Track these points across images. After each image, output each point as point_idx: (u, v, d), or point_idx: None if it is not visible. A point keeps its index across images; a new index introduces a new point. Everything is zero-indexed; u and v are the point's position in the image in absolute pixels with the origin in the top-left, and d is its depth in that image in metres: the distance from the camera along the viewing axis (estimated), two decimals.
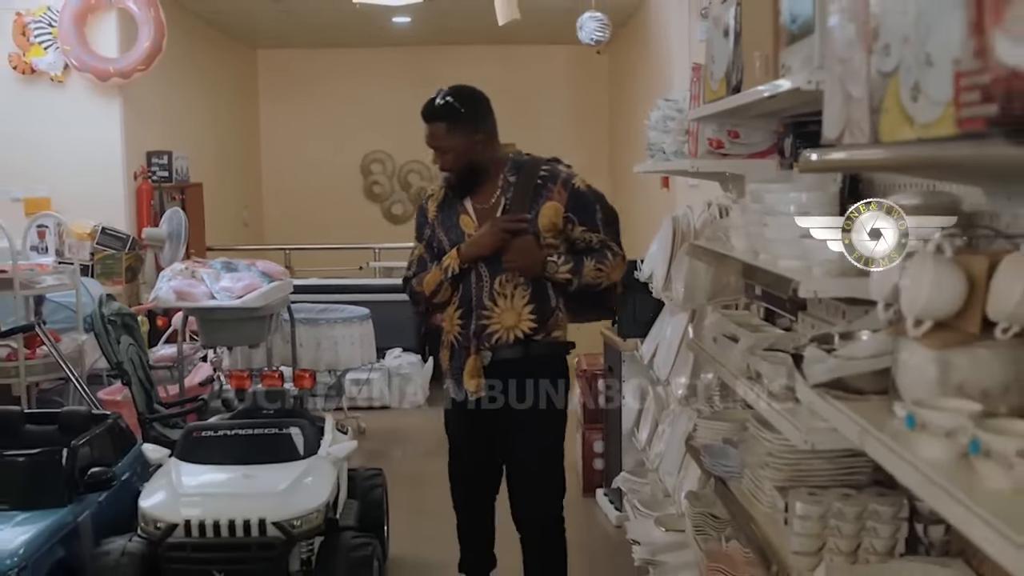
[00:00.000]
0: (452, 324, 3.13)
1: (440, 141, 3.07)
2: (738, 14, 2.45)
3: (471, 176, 3.10)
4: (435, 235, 3.17)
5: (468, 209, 3.12)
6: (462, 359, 3.09)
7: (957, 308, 1.49)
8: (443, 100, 3.08)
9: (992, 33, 1.01)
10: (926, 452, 1.41)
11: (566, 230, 3.08)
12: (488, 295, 3.06)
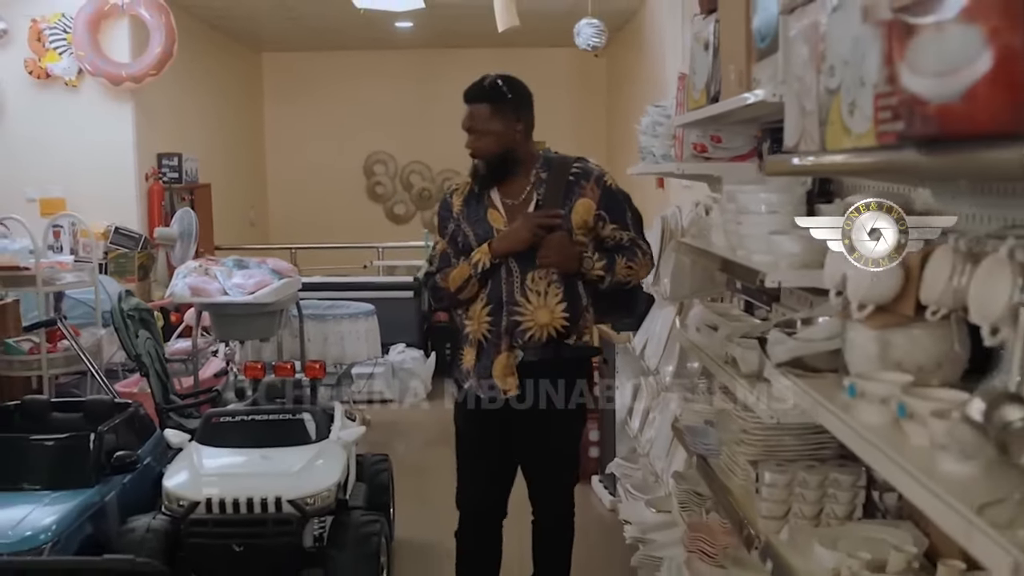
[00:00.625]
0: (479, 322, 3.04)
1: (480, 123, 3.00)
2: (716, 30, 2.68)
3: (502, 166, 3.03)
4: (460, 230, 3.08)
5: (496, 203, 3.06)
6: (491, 357, 3.02)
7: (895, 294, 1.72)
8: (492, 82, 3.03)
9: (898, 65, 1.24)
10: (865, 418, 1.64)
11: (596, 228, 3.04)
12: (520, 291, 2.99)
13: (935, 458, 1.41)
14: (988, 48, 1.04)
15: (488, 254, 2.98)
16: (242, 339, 5.26)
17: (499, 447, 3.14)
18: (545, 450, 3.14)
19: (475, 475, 3.19)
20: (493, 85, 3.03)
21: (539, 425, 3.06)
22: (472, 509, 3.22)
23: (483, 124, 3.00)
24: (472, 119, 3.02)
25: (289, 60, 11.07)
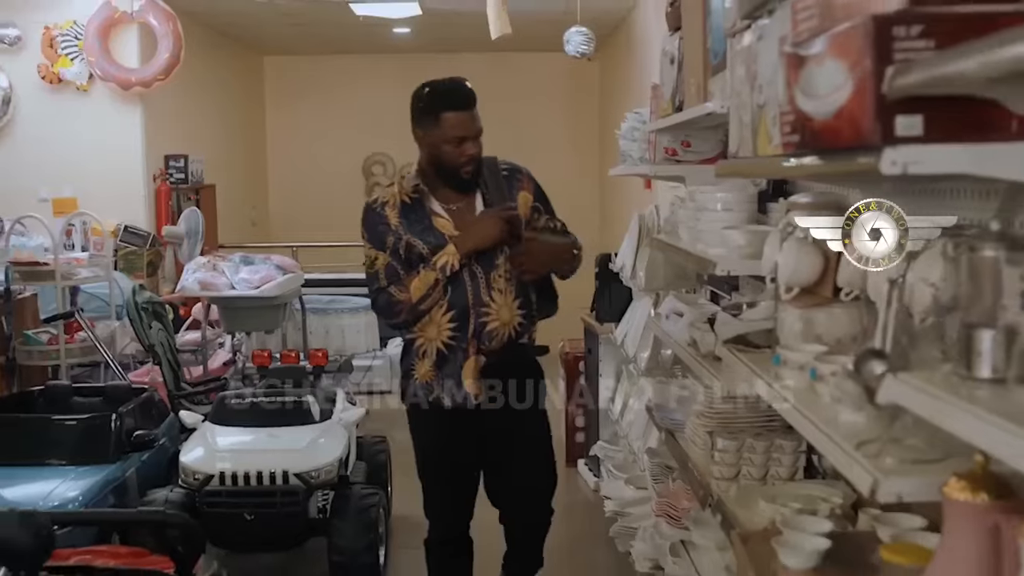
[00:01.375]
0: (440, 330, 2.99)
1: (477, 128, 2.98)
2: (680, 47, 2.99)
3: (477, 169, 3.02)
4: (400, 242, 2.99)
5: (438, 211, 3.01)
6: (458, 363, 2.99)
7: (816, 278, 2.02)
8: (466, 83, 3.02)
9: (794, 88, 1.54)
10: (788, 381, 1.94)
11: (532, 220, 3.10)
12: (486, 292, 2.99)
13: (836, 411, 1.71)
14: (849, 78, 1.34)
15: (455, 255, 2.92)
16: (249, 330, 5.56)
17: (466, 459, 3.12)
18: (523, 450, 3.13)
19: (446, 488, 3.16)
20: (470, 88, 3.03)
21: (511, 424, 3.05)
22: (445, 522, 3.20)
23: (479, 126, 2.98)
24: (474, 122, 2.97)
25: (290, 64, 11.35)
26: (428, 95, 3.02)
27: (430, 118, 2.98)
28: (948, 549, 1.28)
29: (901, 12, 1.28)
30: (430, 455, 3.17)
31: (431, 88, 3.03)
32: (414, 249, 2.98)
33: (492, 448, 3.12)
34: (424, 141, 3.04)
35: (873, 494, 1.38)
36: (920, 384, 1.29)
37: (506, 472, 3.16)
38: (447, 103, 2.95)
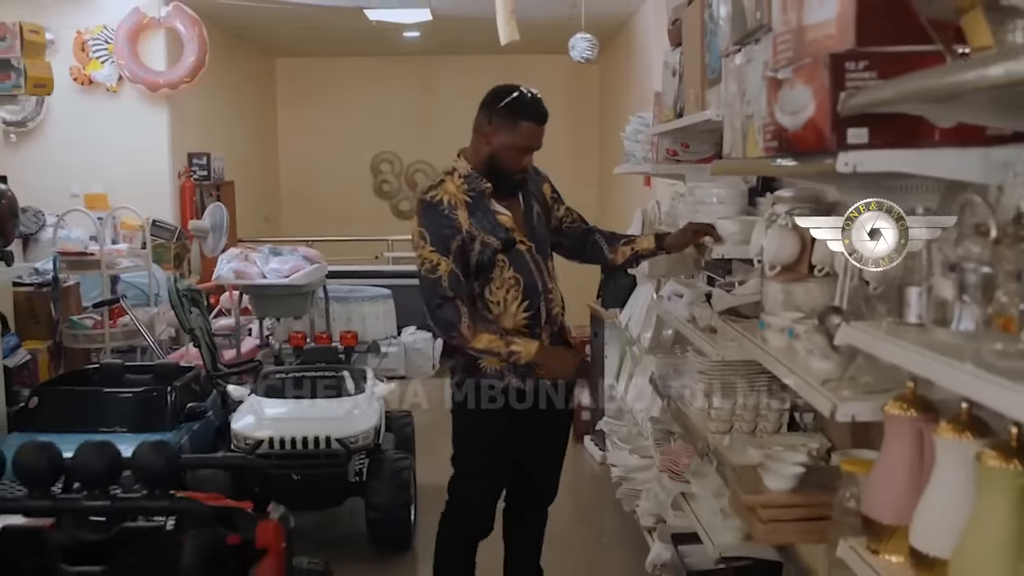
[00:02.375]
0: (515, 320, 3.10)
1: (541, 143, 3.13)
2: (681, 61, 3.41)
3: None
4: (474, 242, 3.04)
5: (498, 209, 3.11)
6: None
7: (794, 258, 2.45)
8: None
9: (773, 105, 1.96)
10: (772, 342, 2.37)
11: (552, 208, 3.33)
12: (550, 278, 3.19)
13: (808, 360, 2.14)
14: (813, 99, 1.77)
15: (530, 356, 3.02)
16: (278, 316, 5.99)
17: (511, 446, 3.19)
18: (553, 442, 3.35)
19: (492, 471, 3.21)
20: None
21: (551, 414, 3.20)
22: (477, 507, 3.23)
23: (541, 144, 3.13)
24: (541, 136, 3.11)
25: (301, 65, 11.76)
26: (516, 100, 3.06)
27: (510, 120, 3.03)
28: (888, 450, 1.71)
29: (851, 51, 1.71)
30: (484, 441, 3.17)
31: (519, 95, 3.08)
32: (489, 246, 3.05)
33: (532, 426, 3.18)
34: (491, 139, 3.05)
35: (833, 415, 1.81)
36: (865, 328, 1.72)
37: (532, 461, 3.28)
38: (531, 114, 3.05)
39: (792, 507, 2.20)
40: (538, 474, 3.36)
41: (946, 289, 1.58)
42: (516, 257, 3.10)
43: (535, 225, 3.20)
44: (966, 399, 1.45)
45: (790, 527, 2.20)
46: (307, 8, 8.53)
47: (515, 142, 3.04)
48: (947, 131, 1.71)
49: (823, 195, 2.80)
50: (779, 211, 2.63)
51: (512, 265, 3.09)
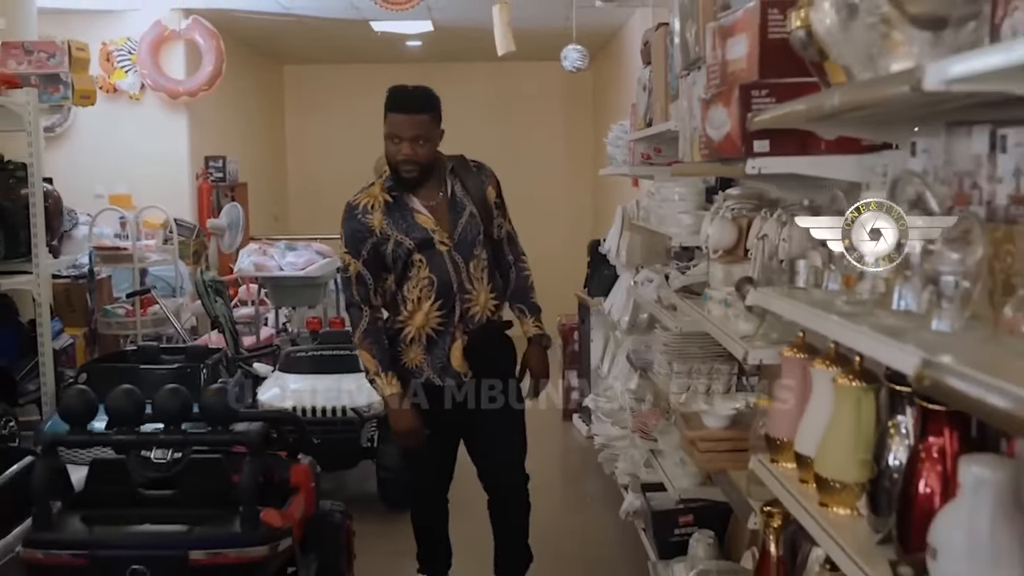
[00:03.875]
0: (428, 318, 3.25)
1: (424, 131, 3.15)
2: (650, 78, 3.96)
3: (427, 171, 3.23)
4: (388, 242, 3.20)
5: (418, 208, 3.24)
6: (446, 347, 3.27)
7: (733, 243, 2.99)
8: (427, 92, 3.25)
9: (704, 122, 2.51)
10: (713, 311, 2.92)
11: (495, 215, 3.38)
12: (468, 280, 3.25)
13: (735, 323, 2.69)
14: (729, 118, 2.32)
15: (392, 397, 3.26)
16: (294, 305, 6.54)
17: (445, 432, 3.41)
18: (497, 423, 3.40)
19: (428, 463, 3.47)
20: (428, 93, 3.25)
21: (487, 400, 3.34)
22: (426, 493, 3.56)
23: (426, 132, 3.16)
24: (418, 127, 3.14)
25: (308, 72, 12.32)
26: (387, 95, 3.30)
27: (385, 115, 3.25)
28: (782, 385, 2.25)
29: (755, 82, 2.26)
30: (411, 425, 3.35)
31: (390, 90, 3.32)
32: (402, 245, 3.21)
33: (469, 419, 3.38)
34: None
35: (745, 359, 2.36)
36: (767, 291, 2.27)
37: (481, 440, 3.46)
38: (392, 104, 3.21)
39: (723, 440, 2.75)
40: (486, 463, 3.51)
41: (819, 260, 2.12)
42: (433, 257, 3.21)
43: (461, 226, 3.27)
44: (833, 340, 2.00)
45: (723, 456, 2.75)
46: (315, 20, 9.08)
47: (387, 133, 3.21)
48: (831, 142, 2.25)
49: (766, 192, 3.35)
50: (726, 206, 3.18)
51: (428, 265, 3.21)
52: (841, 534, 1.83)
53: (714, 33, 2.51)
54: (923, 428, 1.62)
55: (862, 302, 1.87)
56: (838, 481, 1.91)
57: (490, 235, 3.34)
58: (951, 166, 1.79)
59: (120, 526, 2.68)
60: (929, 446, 1.60)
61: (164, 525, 2.70)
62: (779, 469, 2.21)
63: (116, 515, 2.71)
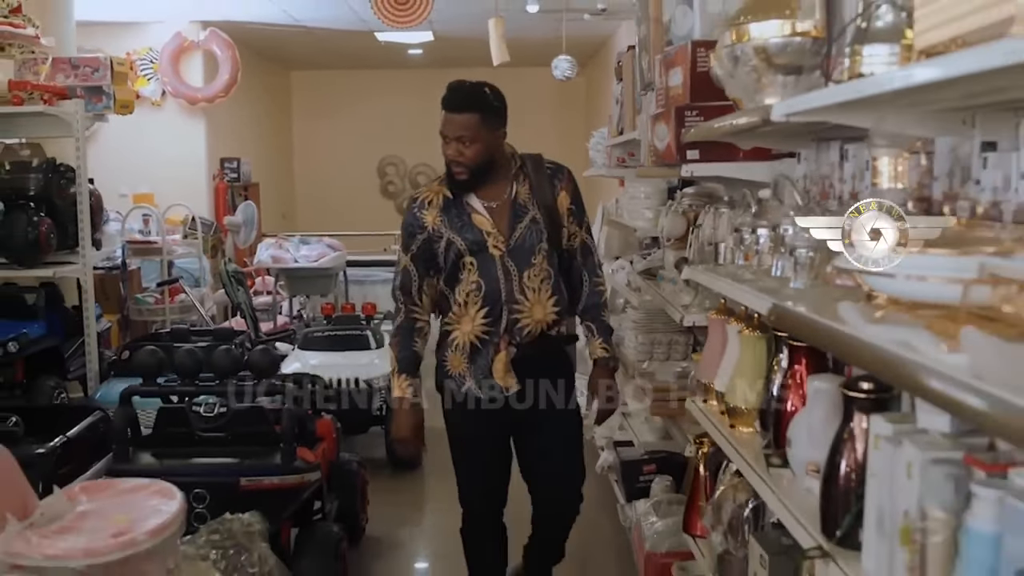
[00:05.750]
0: (473, 324, 3.03)
1: (469, 132, 2.94)
2: (622, 92, 4.60)
3: (485, 172, 3.01)
4: (440, 240, 3.02)
5: (477, 208, 3.03)
6: (488, 357, 3.02)
7: (682, 233, 3.63)
8: (479, 91, 3.00)
9: (651, 134, 3.15)
10: (665, 289, 3.55)
11: (568, 223, 3.12)
12: (519, 289, 3.00)
13: (680, 297, 3.33)
14: (669, 132, 2.96)
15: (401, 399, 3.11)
16: (308, 294, 7.18)
17: (496, 448, 3.16)
18: (551, 441, 3.15)
19: (478, 477, 3.19)
20: (481, 93, 3.00)
21: (540, 417, 3.08)
22: (478, 510, 3.25)
23: (472, 133, 2.94)
24: (461, 127, 2.94)
25: (314, 78, 12.97)
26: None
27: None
28: (709, 341, 2.88)
29: (688, 104, 2.90)
30: (462, 446, 3.19)
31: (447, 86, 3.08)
32: (453, 246, 3.02)
33: (522, 437, 3.17)
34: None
35: (682, 322, 3.00)
36: (696, 268, 2.91)
37: (535, 459, 3.18)
38: (442, 101, 3.01)
39: (670, 391, 3.39)
40: (536, 480, 3.22)
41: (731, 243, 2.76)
42: (484, 262, 3.02)
43: (519, 231, 3.04)
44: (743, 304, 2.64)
45: (671, 405, 3.39)
46: (324, 31, 9.72)
47: (439, 130, 3.03)
48: (748, 152, 2.89)
49: (716, 191, 3.98)
50: (680, 202, 3.82)
51: (478, 269, 3.01)
52: (743, 447, 2.47)
53: (660, 64, 3.15)
54: (790, 361, 2.26)
55: (755, 272, 2.51)
56: (741, 407, 2.55)
57: (556, 244, 3.08)
58: (818, 170, 2.43)
59: (183, 459, 3.31)
60: (794, 372, 2.24)
61: (219, 459, 3.33)
62: (705, 406, 2.85)
63: (180, 451, 3.35)
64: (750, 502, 2.57)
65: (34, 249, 5.06)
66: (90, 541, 2.16)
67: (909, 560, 1.46)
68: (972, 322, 1.30)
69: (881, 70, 1.65)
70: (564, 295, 3.13)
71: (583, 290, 3.20)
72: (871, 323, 1.52)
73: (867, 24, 1.70)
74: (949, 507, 1.37)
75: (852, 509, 1.72)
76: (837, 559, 1.72)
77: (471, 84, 3.04)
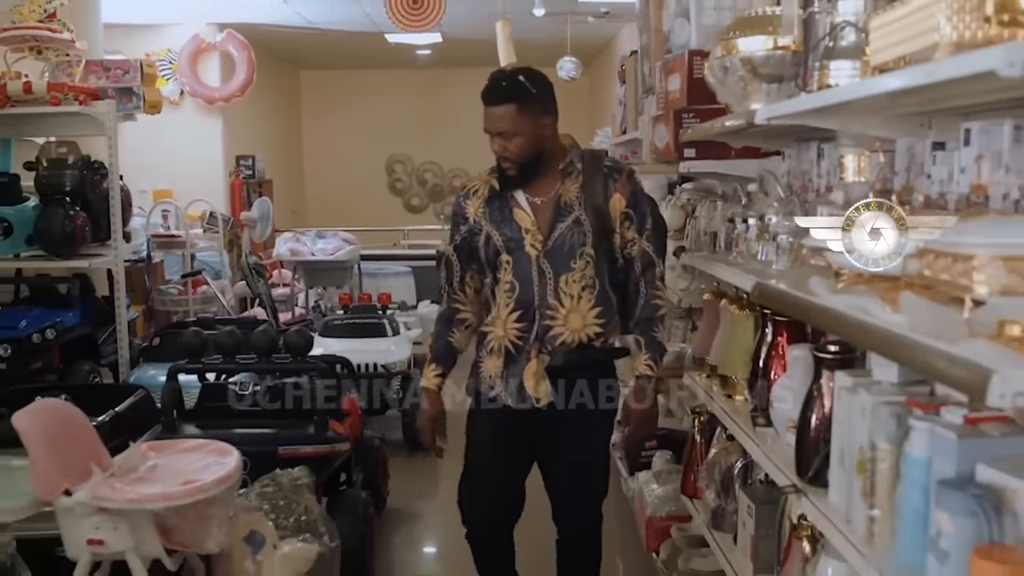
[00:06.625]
0: (506, 328, 2.84)
1: (508, 125, 2.75)
2: (625, 94, 4.92)
3: (535, 166, 2.83)
4: (480, 233, 2.87)
5: (521, 203, 2.85)
6: (520, 364, 2.83)
7: (680, 225, 3.94)
8: (513, 80, 2.80)
9: (653, 134, 3.47)
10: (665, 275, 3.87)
11: (622, 228, 2.87)
12: (553, 294, 2.80)
13: (678, 282, 3.64)
14: (668, 132, 3.27)
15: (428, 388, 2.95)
16: (324, 285, 7.51)
17: (519, 457, 2.98)
18: (576, 455, 2.94)
19: (484, 484, 2.98)
20: (516, 82, 2.79)
21: (568, 430, 2.89)
22: (477, 517, 3.02)
23: (512, 125, 2.76)
24: (499, 121, 2.77)
25: (324, 77, 13.29)
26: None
27: None
28: (704, 320, 3.20)
29: (685, 107, 3.21)
30: (478, 451, 3.02)
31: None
32: (492, 241, 2.86)
33: (546, 453, 2.99)
34: None
35: (679, 304, 3.31)
36: (692, 254, 3.22)
37: (555, 473, 3.01)
38: (481, 95, 2.83)
39: (670, 368, 3.70)
40: (557, 497, 3.04)
41: (723, 232, 3.08)
42: (520, 261, 2.84)
43: (559, 230, 2.84)
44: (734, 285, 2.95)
45: (670, 380, 3.70)
46: (336, 32, 10.03)
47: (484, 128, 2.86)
48: (739, 150, 3.20)
49: (712, 187, 4.30)
50: (679, 196, 4.14)
51: (514, 269, 2.84)
52: (733, 413, 2.78)
53: (660, 70, 3.47)
54: (774, 334, 2.57)
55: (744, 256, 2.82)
56: (731, 377, 2.86)
57: (607, 250, 2.86)
58: (799, 167, 2.75)
59: (225, 429, 3.62)
60: (776, 344, 2.56)
61: (258, 429, 3.65)
62: (700, 379, 3.16)
63: (222, 423, 3.67)
64: (739, 461, 2.89)
65: (70, 241, 5.36)
66: (164, 488, 2.49)
67: (863, 486, 1.77)
68: (911, 289, 1.62)
69: (845, 82, 1.96)
70: (612, 307, 2.89)
71: (638, 302, 2.91)
72: (835, 294, 1.84)
73: (833, 43, 2.01)
74: (893, 440, 1.69)
75: (821, 452, 2.04)
76: (808, 495, 2.04)
77: (509, 73, 2.87)
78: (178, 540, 2.53)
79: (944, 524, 1.44)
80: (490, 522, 3.02)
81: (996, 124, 1.79)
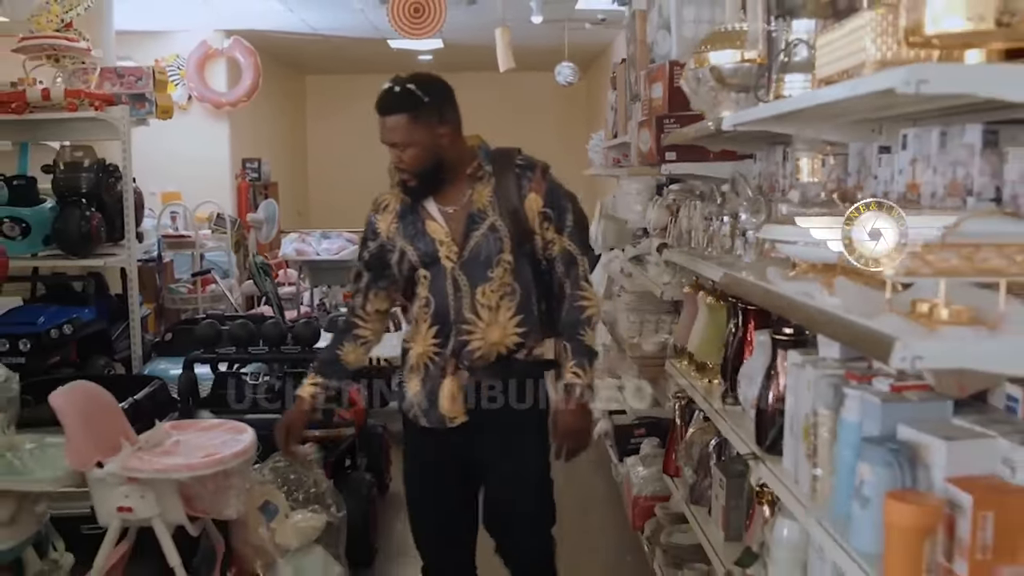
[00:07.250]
0: (425, 345, 2.71)
1: (401, 136, 2.62)
2: (615, 100, 5.16)
3: (436, 176, 2.68)
4: (394, 251, 2.74)
5: (433, 214, 2.70)
6: (436, 382, 2.70)
7: (666, 224, 4.19)
8: (402, 88, 2.63)
9: (637, 139, 3.71)
10: (651, 272, 4.11)
11: (541, 229, 2.73)
12: (470, 308, 2.66)
13: (661, 276, 3.88)
14: (650, 136, 3.52)
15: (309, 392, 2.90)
16: (329, 284, 7.76)
17: (455, 484, 2.80)
18: (510, 478, 2.77)
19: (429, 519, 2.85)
20: (407, 92, 2.63)
21: (497, 452, 2.74)
22: (432, 559, 2.89)
23: (404, 136, 2.63)
24: (391, 133, 2.64)
25: (328, 82, 13.55)
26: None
27: None
28: (685, 312, 3.45)
29: (666, 114, 3.46)
30: (412, 481, 2.87)
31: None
32: (406, 257, 2.73)
33: (480, 476, 2.81)
34: None
35: (662, 296, 3.56)
36: (673, 250, 3.47)
37: (491, 500, 2.84)
38: (375, 106, 2.69)
39: (655, 358, 3.94)
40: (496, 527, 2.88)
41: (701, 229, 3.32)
42: (436, 275, 2.70)
43: (474, 239, 2.70)
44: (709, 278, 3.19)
45: (655, 369, 3.94)
46: (339, 39, 10.28)
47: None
48: (717, 153, 3.44)
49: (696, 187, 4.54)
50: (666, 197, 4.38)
51: (430, 284, 2.70)
52: (708, 395, 3.02)
53: (644, 78, 3.72)
54: (744, 321, 2.81)
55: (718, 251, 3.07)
56: (706, 363, 3.11)
57: (528, 254, 2.73)
58: (768, 169, 3.00)
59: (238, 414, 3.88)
60: (745, 331, 2.80)
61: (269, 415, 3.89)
62: (680, 366, 3.41)
63: (234, 409, 3.92)
64: (713, 440, 3.13)
65: (87, 241, 5.60)
66: (188, 459, 2.74)
67: (807, 449, 2.02)
68: (846, 275, 1.86)
69: (797, 93, 2.21)
70: (534, 314, 2.75)
71: (563, 306, 2.77)
72: (786, 281, 2.08)
73: (788, 58, 2.26)
74: (831, 407, 1.93)
75: (776, 424, 2.28)
76: (766, 461, 2.28)
77: (401, 81, 2.67)
78: (200, 507, 2.78)
79: (866, 474, 1.68)
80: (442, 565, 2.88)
81: (927, 130, 2.04)
